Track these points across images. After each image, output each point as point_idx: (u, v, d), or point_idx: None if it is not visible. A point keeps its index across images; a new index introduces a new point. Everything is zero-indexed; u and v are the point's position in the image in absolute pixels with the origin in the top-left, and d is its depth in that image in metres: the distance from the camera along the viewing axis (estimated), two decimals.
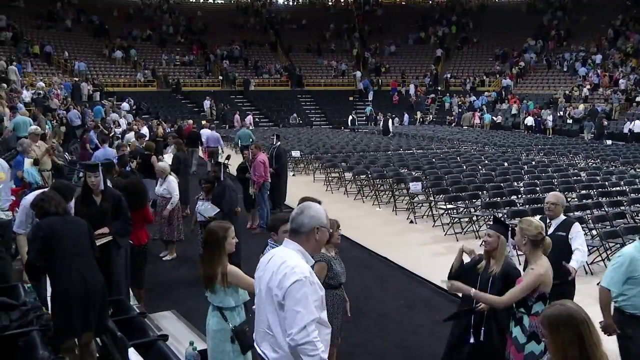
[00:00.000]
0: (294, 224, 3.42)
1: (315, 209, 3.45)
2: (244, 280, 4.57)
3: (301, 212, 3.42)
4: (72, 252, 4.71)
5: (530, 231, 4.67)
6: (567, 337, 2.67)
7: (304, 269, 3.26)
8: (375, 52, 47.54)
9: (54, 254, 4.65)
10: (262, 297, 3.44)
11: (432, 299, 8.21)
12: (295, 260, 3.30)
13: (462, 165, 17.20)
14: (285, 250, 3.42)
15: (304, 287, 3.19)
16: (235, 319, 4.62)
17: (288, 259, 3.32)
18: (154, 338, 4.84)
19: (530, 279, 4.56)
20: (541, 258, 4.66)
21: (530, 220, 4.80)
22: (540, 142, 26.05)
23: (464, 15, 50.58)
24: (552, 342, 2.74)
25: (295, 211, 3.47)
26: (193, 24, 46.76)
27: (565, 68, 39.38)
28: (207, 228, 4.86)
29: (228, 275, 4.54)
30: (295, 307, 3.15)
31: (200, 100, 37.96)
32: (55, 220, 4.76)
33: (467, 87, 42.23)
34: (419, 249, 10.67)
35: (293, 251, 3.38)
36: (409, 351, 6.63)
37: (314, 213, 3.42)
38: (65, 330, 4.56)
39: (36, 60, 35.09)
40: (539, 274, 4.54)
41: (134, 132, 17.52)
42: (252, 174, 11.73)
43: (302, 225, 3.38)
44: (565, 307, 2.76)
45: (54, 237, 4.66)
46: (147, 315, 6.45)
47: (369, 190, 15.33)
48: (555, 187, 13.40)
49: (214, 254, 4.61)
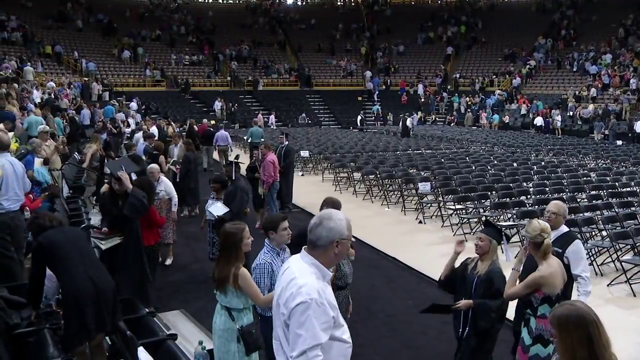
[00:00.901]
0: (311, 236, 3.15)
1: (336, 220, 3.16)
2: (251, 289, 4.58)
3: (320, 223, 3.15)
4: (77, 256, 4.76)
5: (530, 232, 4.73)
6: (576, 337, 2.66)
7: (311, 290, 3.02)
8: (384, 52, 47.48)
9: (60, 261, 4.70)
10: (276, 309, 3.27)
11: (441, 299, 8.16)
12: (305, 278, 3.08)
13: (471, 166, 17.17)
14: (299, 263, 3.20)
15: (308, 309, 2.97)
16: (243, 319, 4.64)
17: (299, 275, 3.11)
18: (163, 337, 4.85)
19: (530, 278, 4.64)
20: (548, 260, 4.66)
21: (531, 222, 4.85)
22: (549, 142, 25.95)
23: (473, 15, 50.39)
24: (561, 342, 2.72)
25: (314, 221, 3.20)
26: (202, 23, 46.85)
27: (575, 68, 39.19)
28: (223, 230, 4.85)
29: (239, 278, 4.55)
30: (298, 330, 2.97)
31: (209, 100, 38.03)
32: (52, 232, 4.85)
33: (476, 87, 42.10)
34: (428, 249, 10.65)
35: (306, 265, 3.15)
36: (417, 351, 6.62)
37: (334, 225, 3.14)
38: (80, 332, 4.57)
39: (46, 60, 35.27)
40: (539, 275, 4.59)
41: (142, 131, 17.57)
42: (261, 174, 11.76)
43: (319, 238, 3.12)
44: (575, 307, 2.75)
45: (56, 247, 4.73)
46: (156, 314, 6.48)
47: (377, 190, 15.33)
48: (565, 187, 13.37)
49: (230, 256, 4.64)
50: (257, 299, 4.59)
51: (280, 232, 4.92)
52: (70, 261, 4.67)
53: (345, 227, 3.16)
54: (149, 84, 39.01)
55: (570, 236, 5.66)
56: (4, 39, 34.57)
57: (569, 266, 5.39)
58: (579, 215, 10.61)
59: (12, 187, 6.48)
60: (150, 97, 36.36)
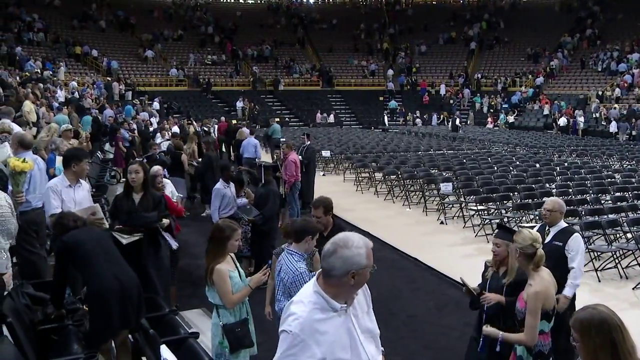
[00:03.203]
0: (324, 264, 2.80)
1: (353, 248, 2.77)
2: (222, 287, 4.62)
3: (334, 251, 2.77)
4: (101, 254, 4.80)
5: (519, 242, 4.37)
6: (598, 342, 2.59)
7: (294, 324, 2.71)
8: (406, 51, 47.31)
9: (85, 260, 4.73)
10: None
11: (463, 300, 8.10)
12: (298, 307, 2.78)
13: (493, 166, 17.04)
14: (306, 287, 2.94)
15: (284, 342, 2.71)
16: (228, 317, 4.71)
17: (296, 300, 2.85)
18: (185, 335, 4.89)
19: (533, 303, 4.23)
20: (539, 272, 4.36)
21: (521, 231, 4.50)
22: (572, 143, 25.68)
23: (495, 14, 49.99)
24: (583, 347, 2.66)
25: (328, 248, 2.80)
26: (224, 23, 47.07)
27: (599, 68, 38.70)
28: (216, 224, 4.97)
29: (214, 273, 4.62)
30: (276, 355, 2.76)
31: (231, 100, 38.18)
32: (76, 232, 4.88)
33: (498, 87, 41.79)
34: (449, 250, 10.61)
35: (310, 292, 2.83)
36: (438, 353, 6.59)
37: (349, 254, 2.75)
38: (106, 329, 4.61)
39: (70, 60, 35.70)
40: (535, 291, 4.24)
41: (165, 131, 17.70)
42: (283, 174, 11.77)
43: (333, 269, 2.75)
44: (598, 311, 2.67)
45: (81, 246, 4.76)
46: (178, 312, 6.52)
47: (399, 190, 15.29)
48: (589, 188, 13.21)
49: (215, 250, 4.73)
50: (225, 298, 4.62)
51: (303, 244, 4.78)
52: (96, 259, 4.71)
53: (364, 256, 2.77)
54: (171, 83, 39.29)
55: (569, 231, 5.76)
56: (30, 40, 35.03)
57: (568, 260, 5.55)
58: (603, 217, 10.48)
59: (38, 185, 6.61)
60: (172, 96, 36.63)
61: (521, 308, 4.33)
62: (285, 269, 4.67)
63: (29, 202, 6.44)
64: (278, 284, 4.75)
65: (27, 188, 6.43)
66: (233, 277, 4.74)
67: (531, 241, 4.34)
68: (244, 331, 4.73)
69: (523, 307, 4.31)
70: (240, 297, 4.68)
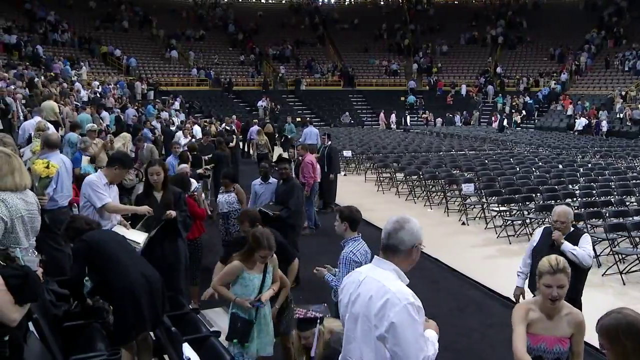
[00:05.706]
0: (392, 240, 3.02)
1: (415, 224, 3.08)
2: (222, 274, 5.15)
3: (401, 227, 3.03)
4: (123, 251, 4.78)
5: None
6: (629, 346, 2.56)
7: (407, 294, 2.88)
8: (427, 51, 47.12)
9: (109, 257, 4.65)
10: (353, 325, 3.06)
11: (484, 302, 8.10)
12: (395, 284, 2.92)
13: (515, 167, 16.89)
14: (378, 271, 3.03)
15: (410, 315, 2.83)
16: (238, 310, 4.94)
17: (386, 282, 2.94)
18: (206, 334, 4.92)
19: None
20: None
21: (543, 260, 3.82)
22: (596, 144, 25.38)
23: (518, 13, 49.52)
24: (613, 352, 2.63)
25: (393, 226, 3.05)
26: (246, 23, 47.23)
27: (626, 67, 38.12)
28: (255, 232, 5.02)
29: (230, 264, 5.07)
30: (406, 344, 2.81)
31: (252, 99, 38.28)
32: (93, 232, 4.83)
33: (520, 87, 41.42)
34: (471, 251, 10.55)
35: (388, 272, 2.99)
36: (459, 354, 6.54)
37: (416, 229, 3.06)
38: (137, 325, 4.56)
39: (93, 60, 36.06)
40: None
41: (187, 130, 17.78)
42: (300, 175, 11.48)
43: (402, 243, 3.00)
44: (623, 315, 2.65)
45: (102, 245, 4.70)
46: (200, 311, 6.57)
47: (420, 191, 15.24)
48: (613, 190, 13.05)
49: (243, 252, 5.00)
50: (215, 279, 5.28)
51: (350, 232, 5.17)
52: (121, 256, 4.68)
53: (422, 232, 3.10)
54: (192, 83, 39.50)
55: (579, 232, 5.88)
56: (55, 40, 35.45)
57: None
58: (628, 220, 10.33)
59: (65, 185, 6.71)
60: (194, 96, 36.83)
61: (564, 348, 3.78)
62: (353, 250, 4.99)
63: (55, 201, 6.53)
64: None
65: (55, 187, 6.53)
66: (246, 278, 4.92)
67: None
68: (243, 329, 4.87)
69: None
70: (222, 292, 5.10)
